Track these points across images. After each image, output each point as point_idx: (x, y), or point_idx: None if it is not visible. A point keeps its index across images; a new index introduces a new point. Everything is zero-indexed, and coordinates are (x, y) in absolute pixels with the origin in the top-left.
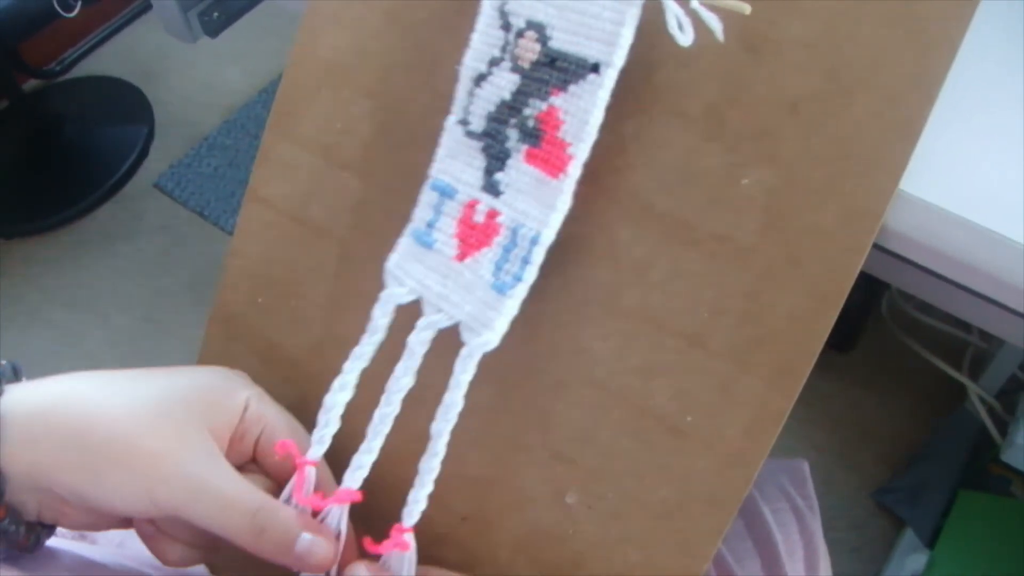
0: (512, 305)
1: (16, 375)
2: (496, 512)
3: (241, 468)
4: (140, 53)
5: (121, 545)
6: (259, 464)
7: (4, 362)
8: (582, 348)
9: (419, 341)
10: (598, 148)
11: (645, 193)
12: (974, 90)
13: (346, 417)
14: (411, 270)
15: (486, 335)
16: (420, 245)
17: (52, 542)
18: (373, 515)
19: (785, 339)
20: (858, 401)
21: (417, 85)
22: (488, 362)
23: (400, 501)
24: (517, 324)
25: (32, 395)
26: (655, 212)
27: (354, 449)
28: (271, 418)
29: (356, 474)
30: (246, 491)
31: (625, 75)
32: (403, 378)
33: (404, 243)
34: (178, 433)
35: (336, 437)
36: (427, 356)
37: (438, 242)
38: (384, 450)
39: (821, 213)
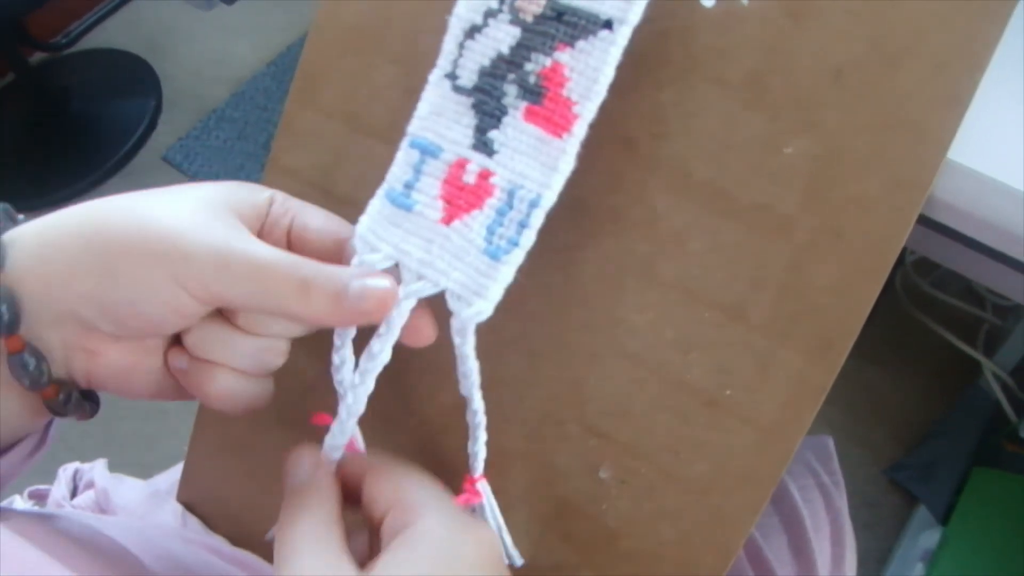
0: (507, 272)
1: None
2: (528, 486)
3: None
4: (146, 26)
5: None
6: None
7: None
8: (618, 320)
9: (398, 312)
10: (635, 116)
11: (684, 162)
12: None
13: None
14: (386, 235)
15: (478, 304)
16: (397, 207)
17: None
18: None
19: (826, 313)
20: (872, 378)
21: None
22: (520, 333)
23: (441, 474)
24: (551, 295)
25: (37, 224)
26: (694, 181)
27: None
28: (299, 207)
29: (335, 454)
30: (282, 254)
31: (663, 41)
32: (379, 355)
33: (376, 205)
34: (196, 212)
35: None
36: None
37: (419, 204)
38: (422, 424)
39: (866, 183)
